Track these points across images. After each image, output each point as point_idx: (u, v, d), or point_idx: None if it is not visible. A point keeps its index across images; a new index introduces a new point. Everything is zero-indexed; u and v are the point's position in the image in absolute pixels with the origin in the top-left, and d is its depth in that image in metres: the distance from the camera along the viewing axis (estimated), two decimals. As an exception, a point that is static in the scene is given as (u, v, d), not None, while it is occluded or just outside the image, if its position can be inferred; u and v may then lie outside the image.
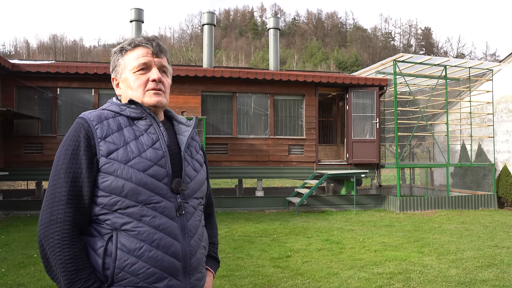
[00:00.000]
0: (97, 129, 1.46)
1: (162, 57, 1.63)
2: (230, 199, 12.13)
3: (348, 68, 63.06)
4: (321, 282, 5.12)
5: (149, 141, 1.51)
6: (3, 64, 10.36)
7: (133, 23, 13.50)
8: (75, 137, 1.45)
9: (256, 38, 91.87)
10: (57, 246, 1.36)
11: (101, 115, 1.51)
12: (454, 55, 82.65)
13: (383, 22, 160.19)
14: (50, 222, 1.38)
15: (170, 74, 1.70)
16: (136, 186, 1.42)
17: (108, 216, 1.42)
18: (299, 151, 12.67)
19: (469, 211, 12.03)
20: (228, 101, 12.45)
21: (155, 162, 1.47)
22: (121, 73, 1.62)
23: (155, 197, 1.45)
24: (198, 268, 1.56)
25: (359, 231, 8.61)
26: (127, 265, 1.39)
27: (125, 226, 1.42)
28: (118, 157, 1.44)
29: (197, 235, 1.57)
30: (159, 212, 1.45)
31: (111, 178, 1.42)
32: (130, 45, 1.61)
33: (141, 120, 1.56)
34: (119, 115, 1.55)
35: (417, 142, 19.42)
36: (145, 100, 1.57)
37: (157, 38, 1.66)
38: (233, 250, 6.82)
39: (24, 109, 11.15)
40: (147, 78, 1.58)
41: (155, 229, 1.43)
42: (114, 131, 1.48)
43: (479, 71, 13.92)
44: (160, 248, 1.43)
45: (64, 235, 1.37)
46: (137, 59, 1.58)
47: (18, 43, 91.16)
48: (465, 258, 6.30)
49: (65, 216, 1.38)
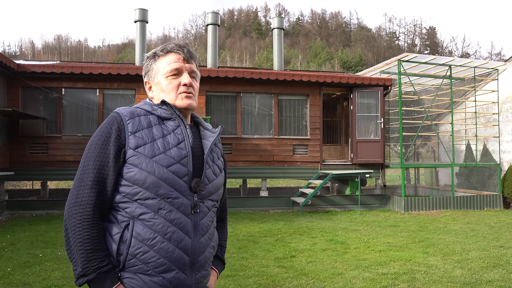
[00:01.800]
0: (128, 123, 1.57)
1: (192, 63, 1.73)
2: (235, 199, 12.14)
3: (352, 68, 62.92)
4: (325, 282, 5.11)
5: (175, 140, 1.61)
6: (8, 65, 10.41)
7: (138, 23, 13.53)
8: (108, 129, 1.57)
9: (260, 38, 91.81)
10: (78, 226, 1.48)
11: (134, 111, 1.63)
12: (459, 55, 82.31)
13: (387, 22, 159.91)
14: (75, 203, 1.50)
15: (199, 78, 1.80)
16: (157, 180, 1.51)
17: (128, 204, 1.53)
18: (303, 151, 12.65)
19: (474, 211, 11.98)
20: (232, 101, 12.45)
21: (178, 160, 1.57)
22: (154, 77, 1.73)
23: (174, 192, 1.54)
24: (204, 265, 1.64)
25: (363, 231, 8.59)
26: (139, 252, 1.49)
27: (143, 216, 1.51)
28: (145, 151, 1.54)
29: (207, 234, 1.65)
30: (175, 207, 1.54)
31: (136, 170, 1.52)
32: (163, 51, 1.71)
33: (170, 120, 1.66)
34: (151, 114, 1.65)
35: (422, 142, 19.35)
36: (177, 103, 1.67)
37: (187, 45, 1.76)
38: (238, 250, 6.82)
39: (29, 109, 11.20)
40: (178, 82, 1.69)
41: (169, 222, 1.52)
42: (144, 128, 1.59)
43: (484, 71, 13.85)
44: (172, 241, 1.52)
45: (85, 216, 1.48)
46: (169, 65, 1.69)
47: (23, 44, 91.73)
48: (470, 259, 6.28)
49: (88, 199, 1.50)
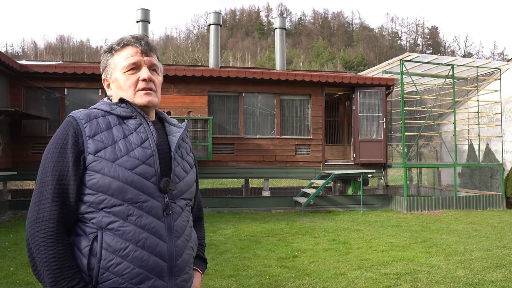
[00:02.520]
0: (85, 127, 1.46)
1: (152, 56, 1.61)
2: (237, 199, 12.14)
3: (354, 68, 62.87)
4: (328, 282, 5.10)
5: (138, 140, 1.50)
6: (11, 65, 10.43)
7: (140, 23, 13.55)
8: (64, 135, 1.46)
9: (262, 38, 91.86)
10: (42, 245, 1.36)
11: (91, 114, 1.51)
12: (461, 54, 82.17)
13: (389, 22, 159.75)
14: (36, 220, 1.38)
15: (161, 71, 1.69)
16: (123, 184, 1.41)
17: (94, 214, 1.41)
18: (305, 151, 12.65)
19: (477, 211, 11.95)
20: (234, 101, 12.46)
21: (143, 161, 1.47)
22: (111, 74, 1.62)
23: (142, 196, 1.44)
24: (184, 269, 1.54)
25: (366, 231, 8.58)
26: (112, 265, 1.38)
27: (111, 225, 1.40)
28: (106, 155, 1.43)
29: (184, 236, 1.55)
30: (145, 211, 1.44)
31: (98, 176, 1.41)
32: (119, 45, 1.60)
33: (131, 119, 1.55)
34: (109, 114, 1.54)
35: (424, 142, 19.30)
36: (136, 100, 1.56)
37: (146, 36, 1.65)
38: (240, 250, 6.82)
39: (32, 109, 11.22)
40: (137, 77, 1.57)
41: (141, 228, 1.42)
42: (103, 130, 1.48)
43: (487, 70, 13.82)
44: (146, 248, 1.42)
45: (49, 233, 1.36)
46: (126, 59, 1.57)
47: (26, 44, 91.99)
48: (473, 259, 6.26)
49: (50, 214, 1.37)
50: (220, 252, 6.69)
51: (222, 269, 5.68)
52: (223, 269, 5.65)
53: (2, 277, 5.24)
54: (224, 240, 7.62)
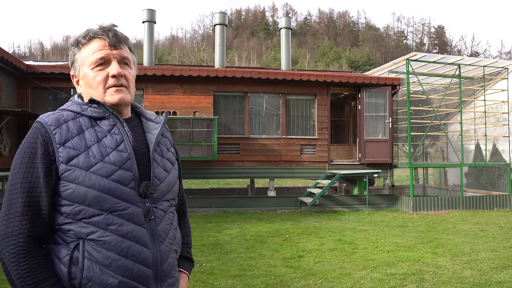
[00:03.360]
0: (55, 134, 1.35)
1: (122, 48, 1.48)
2: (242, 199, 12.15)
3: (360, 68, 62.71)
4: (333, 283, 5.10)
5: (112, 143, 1.40)
6: (18, 66, 10.51)
7: (146, 24, 13.58)
8: (32, 144, 1.35)
9: (267, 38, 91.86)
10: (13, 260, 1.28)
11: (60, 117, 1.40)
12: (468, 54, 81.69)
13: (395, 21, 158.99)
14: (6, 235, 1.30)
15: (134, 64, 1.55)
16: (99, 194, 1.32)
17: (71, 226, 1.33)
18: (311, 151, 12.63)
19: (483, 211, 11.88)
20: (240, 101, 12.47)
21: (119, 166, 1.37)
22: (79, 70, 1.49)
23: (121, 203, 1.36)
24: (170, 273, 1.48)
25: (371, 232, 8.56)
26: (95, 275, 1.31)
27: (91, 235, 1.33)
28: (79, 163, 1.33)
29: (168, 240, 1.48)
30: (126, 219, 1.36)
31: (73, 186, 1.32)
32: (85, 38, 1.47)
33: (104, 119, 1.44)
34: (80, 115, 1.43)
35: (431, 141, 19.22)
36: (107, 99, 1.45)
37: (114, 26, 1.51)
38: (245, 250, 6.83)
39: (39, 109, 11.28)
40: (106, 74, 1.44)
41: (122, 237, 1.35)
42: (75, 135, 1.37)
43: (494, 70, 13.74)
44: (129, 256, 1.35)
45: (19, 248, 1.28)
46: (93, 54, 1.44)
47: (33, 45, 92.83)
48: (479, 259, 6.23)
49: (20, 229, 1.29)
50: (225, 252, 6.70)
51: (228, 269, 5.69)
52: (229, 269, 5.66)
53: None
54: (229, 240, 7.63)
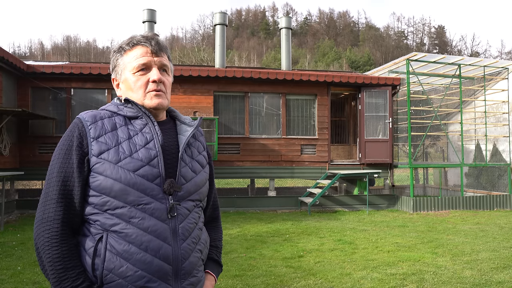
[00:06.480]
0: (90, 129, 1.46)
1: (162, 56, 1.59)
2: (243, 199, 12.15)
3: (360, 68, 62.70)
4: (333, 283, 5.09)
5: (142, 140, 1.49)
6: (18, 66, 10.51)
7: (146, 24, 13.60)
8: (69, 137, 1.46)
9: (268, 38, 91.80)
10: (46, 244, 1.38)
11: (97, 115, 1.51)
12: (468, 54, 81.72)
13: (395, 21, 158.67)
14: (42, 220, 1.40)
15: (172, 71, 1.66)
16: (124, 187, 1.40)
17: (98, 216, 1.42)
18: (311, 151, 12.63)
19: (484, 211, 11.88)
20: (240, 101, 12.47)
21: (146, 162, 1.45)
22: (121, 74, 1.60)
23: (144, 198, 1.42)
24: (192, 272, 1.50)
25: (372, 232, 8.56)
26: (115, 266, 1.38)
27: (114, 227, 1.40)
28: (109, 157, 1.43)
29: (190, 238, 1.51)
30: (148, 213, 1.42)
31: (101, 178, 1.41)
32: (129, 45, 1.57)
33: (137, 119, 1.54)
34: (116, 114, 1.54)
35: (431, 141, 19.21)
36: (146, 102, 1.54)
37: (156, 35, 1.61)
38: (246, 250, 6.83)
39: (39, 109, 11.29)
40: (147, 79, 1.54)
41: (143, 231, 1.41)
42: (108, 131, 1.47)
43: (494, 70, 13.73)
44: (149, 250, 1.40)
45: (53, 233, 1.38)
46: (136, 59, 1.55)
47: (33, 45, 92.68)
48: (480, 259, 6.22)
49: (55, 215, 1.39)
50: (225, 252, 6.69)
51: (228, 269, 5.68)
52: (229, 269, 5.66)
53: (9, 276, 5.28)
54: (229, 240, 7.63)
